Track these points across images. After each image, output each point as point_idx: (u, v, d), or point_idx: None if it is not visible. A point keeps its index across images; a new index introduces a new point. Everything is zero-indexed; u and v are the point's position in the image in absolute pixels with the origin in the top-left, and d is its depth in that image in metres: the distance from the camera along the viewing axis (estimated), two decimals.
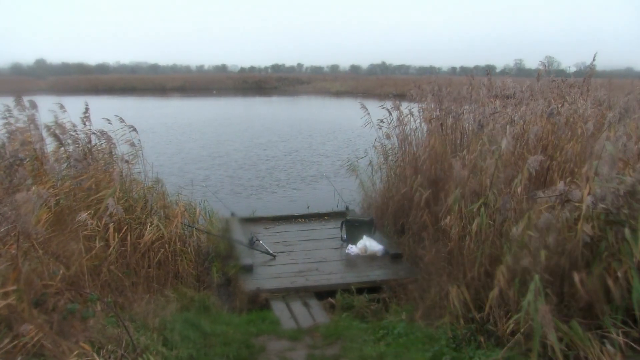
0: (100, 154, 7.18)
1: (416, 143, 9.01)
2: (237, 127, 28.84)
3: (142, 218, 6.59)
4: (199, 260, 7.68)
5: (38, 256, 4.14)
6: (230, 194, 13.31)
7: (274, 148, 21.47)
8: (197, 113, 40.50)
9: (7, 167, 3.46)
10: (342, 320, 6.05)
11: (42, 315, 3.78)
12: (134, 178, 7.37)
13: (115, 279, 5.67)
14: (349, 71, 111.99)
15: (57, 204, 5.64)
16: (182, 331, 4.94)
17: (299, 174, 16.55)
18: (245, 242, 8.31)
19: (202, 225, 8.60)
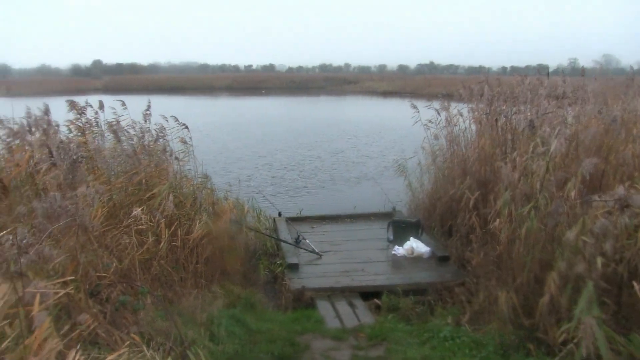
0: (153, 150, 7.30)
1: (465, 144, 8.89)
2: (282, 126, 28.99)
3: (191, 214, 6.69)
4: (246, 257, 7.76)
5: (94, 249, 4.26)
6: (275, 194, 13.38)
7: (319, 148, 21.47)
8: (244, 112, 40.91)
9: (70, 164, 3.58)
10: (387, 322, 6.02)
11: (96, 305, 3.89)
12: (185, 175, 7.48)
13: (165, 274, 5.76)
14: (396, 71, 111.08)
15: (110, 199, 5.78)
16: (228, 327, 4.99)
17: (344, 175, 16.51)
18: (292, 241, 8.36)
19: (250, 223, 8.68)
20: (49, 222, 3.24)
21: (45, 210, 3.20)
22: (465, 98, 9.20)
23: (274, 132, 26.45)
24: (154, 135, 7.30)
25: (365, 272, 7.58)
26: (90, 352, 3.13)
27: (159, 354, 3.59)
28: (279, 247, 8.35)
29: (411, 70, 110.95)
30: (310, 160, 18.84)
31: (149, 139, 7.23)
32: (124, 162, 6.75)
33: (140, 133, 7.22)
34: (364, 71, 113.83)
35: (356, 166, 17.75)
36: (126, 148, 6.74)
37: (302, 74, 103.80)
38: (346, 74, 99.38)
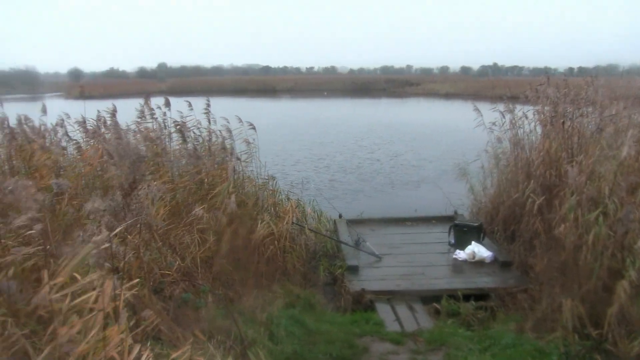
0: (217, 150, 7.43)
1: (529, 147, 8.66)
2: (342, 129, 28.97)
3: (253, 214, 6.77)
4: (306, 258, 7.78)
5: (157, 247, 4.36)
6: (334, 197, 13.36)
7: (378, 151, 21.33)
8: (305, 114, 41.15)
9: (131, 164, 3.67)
10: (447, 327, 5.93)
11: (160, 302, 3.98)
12: (247, 175, 7.57)
13: (226, 273, 5.84)
14: (459, 73, 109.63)
15: (173, 198, 5.91)
16: (288, 327, 5.02)
17: (404, 178, 16.34)
18: (352, 243, 8.34)
19: (311, 224, 8.72)
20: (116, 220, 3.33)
21: (112, 209, 3.29)
22: (530, 100, 8.96)
23: (334, 135, 26.48)
24: (219, 136, 7.43)
25: (426, 275, 7.49)
26: (153, 348, 3.20)
27: (220, 351, 3.65)
28: (339, 249, 8.34)
29: (474, 72, 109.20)
30: (369, 163, 18.74)
31: (214, 140, 7.37)
32: (188, 161, 6.90)
33: (207, 134, 7.37)
34: (426, 73, 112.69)
35: (416, 169, 17.54)
36: (190, 148, 6.89)
37: (363, 75, 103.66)
38: (408, 76, 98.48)
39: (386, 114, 41.25)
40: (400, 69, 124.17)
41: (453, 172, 11.57)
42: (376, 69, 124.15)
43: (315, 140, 24.48)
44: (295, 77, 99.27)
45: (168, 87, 72.36)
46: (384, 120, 33.82)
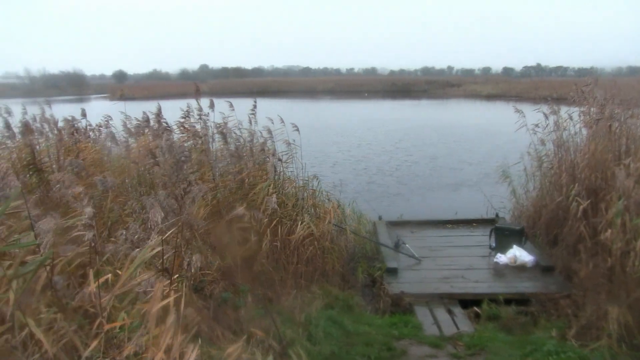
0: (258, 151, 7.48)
1: (574, 149, 8.47)
2: (382, 130, 28.88)
3: (293, 215, 6.79)
4: (345, 259, 7.78)
5: (198, 246, 4.41)
6: (373, 198, 13.31)
7: (418, 153, 21.15)
8: (344, 115, 41.13)
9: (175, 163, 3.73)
10: (487, 331, 5.85)
11: (200, 300, 4.03)
12: (288, 176, 7.60)
13: (266, 273, 5.87)
14: (501, 74, 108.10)
15: (214, 197, 5.97)
16: (326, 328, 5.03)
17: (443, 181, 16.19)
18: (391, 245, 8.31)
19: (351, 226, 8.71)
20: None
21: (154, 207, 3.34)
22: (576, 101, 8.76)
23: (374, 136, 26.42)
24: (261, 136, 7.48)
25: (466, 279, 7.41)
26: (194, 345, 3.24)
27: (259, 351, 3.67)
28: (379, 251, 8.31)
29: (516, 73, 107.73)
30: (408, 165, 18.61)
31: (256, 141, 7.42)
32: (230, 162, 6.96)
33: (249, 135, 7.43)
34: (467, 74, 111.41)
35: (455, 172, 17.35)
36: (232, 148, 6.96)
37: (403, 77, 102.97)
38: (449, 77, 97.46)
39: (426, 116, 41.00)
40: (441, 70, 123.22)
41: (494, 175, 11.42)
42: (417, 70, 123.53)
43: (353, 142, 24.45)
44: (335, 78, 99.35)
45: (209, 88, 73.20)
46: (424, 122, 33.59)
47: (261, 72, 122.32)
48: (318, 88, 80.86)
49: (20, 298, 2.79)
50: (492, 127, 28.13)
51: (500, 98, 57.71)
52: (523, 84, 67.17)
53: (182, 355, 2.72)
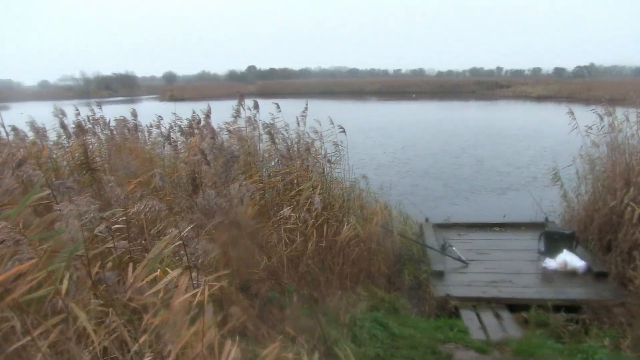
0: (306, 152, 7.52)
1: (629, 152, 8.21)
2: (429, 132, 28.62)
3: (340, 216, 6.80)
4: (391, 261, 7.75)
5: (245, 245, 4.46)
6: (419, 200, 13.19)
7: (465, 155, 20.83)
8: (391, 116, 40.92)
9: (224, 163, 3.78)
10: (535, 338, 5.71)
11: (246, 299, 4.07)
12: (335, 177, 7.62)
13: (311, 273, 5.89)
14: (552, 74, 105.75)
15: (262, 197, 6.03)
16: (371, 330, 5.01)
17: (490, 184, 15.88)
18: (438, 248, 8.23)
19: (397, 228, 8.67)
20: (205, 218, 3.44)
21: (203, 207, 3.40)
22: (636, 102, 8.46)
23: (421, 138, 26.20)
24: (309, 137, 7.52)
25: (514, 283, 7.27)
26: (239, 344, 3.27)
27: (304, 351, 3.68)
28: (425, 253, 8.24)
29: (568, 73, 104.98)
30: (454, 168, 18.35)
31: (303, 141, 7.46)
32: (279, 162, 7.02)
33: (296, 136, 7.48)
34: (517, 75, 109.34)
35: (503, 175, 17.01)
36: (280, 149, 7.01)
37: (451, 78, 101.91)
38: (498, 78, 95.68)
39: (473, 117, 40.37)
40: (490, 71, 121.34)
41: (542, 178, 11.17)
42: (465, 70, 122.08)
43: (399, 143, 24.29)
44: (382, 79, 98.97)
45: (257, 90, 74.14)
46: (471, 124, 33.12)
47: (308, 73, 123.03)
48: (365, 89, 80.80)
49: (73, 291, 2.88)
50: (541, 129, 27.57)
51: (551, 99, 56.47)
52: (575, 84, 65.52)
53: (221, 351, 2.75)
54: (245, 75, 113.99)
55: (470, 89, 79.07)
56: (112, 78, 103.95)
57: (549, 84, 71.60)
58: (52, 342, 2.66)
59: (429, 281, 7.29)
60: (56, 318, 2.72)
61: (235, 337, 3.10)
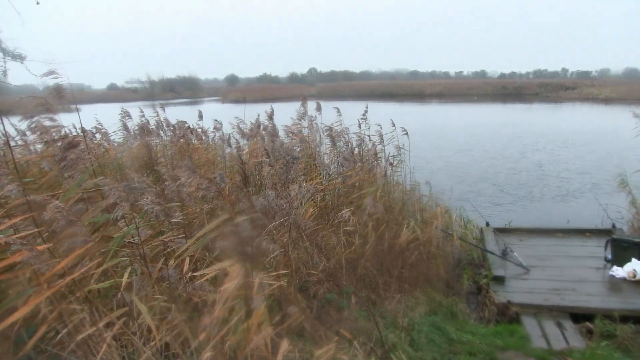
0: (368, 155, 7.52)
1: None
2: (490, 135, 28.06)
3: (399, 219, 6.77)
4: (450, 265, 7.67)
5: (305, 246, 4.49)
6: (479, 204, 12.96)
7: (525, 160, 20.26)
8: (451, 119, 40.40)
9: (284, 164, 3.83)
10: (600, 349, 5.52)
11: (304, 300, 4.10)
12: (396, 180, 7.59)
13: (370, 276, 5.88)
14: (621, 75, 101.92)
15: (322, 199, 6.06)
16: (429, 334, 4.97)
17: (552, 189, 15.44)
18: (499, 253, 8.08)
19: (457, 232, 8.56)
20: (266, 218, 3.49)
21: (263, 207, 3.45)
22: None
23: (480, 141, 25.72)
24: (371, 140, 7.53)
25: (577, 291, 7.04)
26: (296, 344, 3.30)
27: (361, 353, 3.68)
28: (485, 258, 8.10)
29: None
30: (513, 173, 17.88)
31: (365, 144, 7.47)
32: (341, 164, 7.05)
33: (358, 138, 7.50)
34: (583, 76, 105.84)
35: (565, 181, 16.52)
36: (343, 151, 7.04)
37: (514, 79, 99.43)
38: (563, 80, 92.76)
39: (536, 120, 39.32)
40: (555, 73, 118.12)
41: (604, 184, 10.79)
42: (528, 72, 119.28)
43: (457, 146, 23.92)
44: (443, 81, 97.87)
45: (318, 92, 74.59)
46: (533, 127, 32.24)
47: (369, 75, 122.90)
48: (426, 91, 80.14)
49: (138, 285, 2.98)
50: (606, 133, 26.64)
51: (620, 102, 54.46)
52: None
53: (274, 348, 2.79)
54: (306, 78, 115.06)
55: (533, 91, 77.18)
56: (176, 80, 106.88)
57: (618, 85, 68.88)
58: (116, 335, 2.75)
59: (489, 286, 7.16)
60: (119, 311, 2.81)
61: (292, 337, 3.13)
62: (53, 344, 2.69)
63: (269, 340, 2.79)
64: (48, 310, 2.73)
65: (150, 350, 2.75)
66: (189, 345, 2.83)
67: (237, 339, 2.77)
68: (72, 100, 3.49)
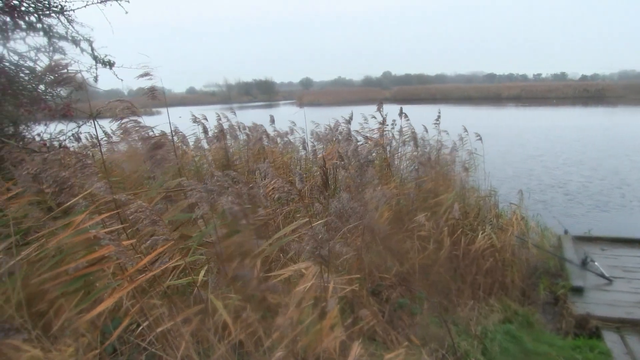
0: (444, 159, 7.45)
1: None
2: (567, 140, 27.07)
3: (474, 225, 6.67)
4: (526, 274, 7.47)
5: (378, 250, 4.49)
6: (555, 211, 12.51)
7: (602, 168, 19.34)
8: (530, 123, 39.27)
9: (359, 167, 3.84)
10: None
11: (376, 303, 4.10)
12: (471, 185, 7.49)
13: (443, 281, 5.82)
14: None
15: (397, 203, 6.04)
16: (503, 343, 4.87)
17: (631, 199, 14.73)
18: (578, 262, 7.79)
19: (534, 239, 8.33)
20: (340, 221, 3.51)
21: (338, 210, 3.47)
22: None
23: (558, 147, 24.85)
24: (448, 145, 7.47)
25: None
26: (368, 348, 3.30)
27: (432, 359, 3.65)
28: (563, 267, 7.83)
29: None
30: (589, 181, 17.14)
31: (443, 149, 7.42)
32: (415, 169, 7.01)
33: (435, 143, 7.44)
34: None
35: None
36: (420, 156, 7.00)
37: (597, 82, 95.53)
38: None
39: (618, 125, 37.62)
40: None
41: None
42: (613, 74, 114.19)
43: (532, 152, 23.18)
44: (521, 84, 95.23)
45: (392, 95, 74.42)
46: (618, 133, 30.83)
47: (444, 78, 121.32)
48: (502, 94, 78.39)
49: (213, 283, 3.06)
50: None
51: None
52: None
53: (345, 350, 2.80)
54: (381, 81, 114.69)
55: (618, 93, 73.82)
56: (252, 84, 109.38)
57: None
58: (192, 330, 2.84)
59: (567, 297, 6.92)
60: (196, 307, 2.90)
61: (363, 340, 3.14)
62: (135, 336, 2.81)
63: (338, 343, 2.81)
64: (130, 303, 2.85)
65: (224, 347, 2.81)
66: (262, 344, 2.88)
67: (309, 340, 2.80)
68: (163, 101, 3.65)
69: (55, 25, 6.31)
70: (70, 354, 2.55)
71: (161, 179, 3.41)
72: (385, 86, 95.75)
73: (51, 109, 5.75)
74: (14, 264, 2.80)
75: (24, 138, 5.79)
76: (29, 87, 5.88)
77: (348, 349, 2.83)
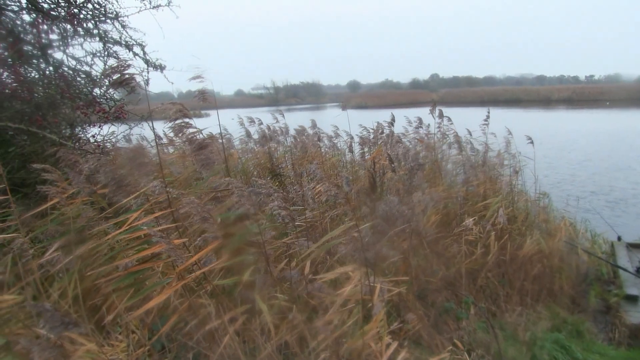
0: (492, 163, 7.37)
1: None
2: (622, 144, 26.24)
3: (523, 230, 6.57)
4: (576, 280, 7.30)
5: (425, 253, 4.47)
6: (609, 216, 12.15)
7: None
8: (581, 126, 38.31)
9: (409, 170, 3.83)
10: None
11: (422, 307, 4.08)
12: (520, 189, 7.38)
13: (490, 286, 5.75)
14: None
15: (445, 206, 6.00)
16: (551, 351, 4.77)
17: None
18: (632, 269, 7.57)
19: (584, 245, 8.14)
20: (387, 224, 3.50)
21: (385, 213, 3.46)
22: None
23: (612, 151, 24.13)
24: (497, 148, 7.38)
25: None
26: (413, 352, 3.29)
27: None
28: (616, 275, 7.61)
29: None
30: (632, 188, 16.54)
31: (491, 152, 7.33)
32: (463, 172, 6.95)
33: (483, 146, 7.36)
34: None
35: None
36: (469, 159, 6.93)
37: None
38: None
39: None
40: None
41: None
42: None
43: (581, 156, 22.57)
44: (572, 86, 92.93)
45: (440, 98, 73.81)
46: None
47: (493, 80, 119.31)
48: (553, 97, 76.81)
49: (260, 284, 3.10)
50: None
51: None
52: None
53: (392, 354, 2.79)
54: (428, 83, 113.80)
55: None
56: (300, 86, 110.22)
57: None
58: (238, 330, 2.88)
59: (620, 306, 6.73)
60: (242, 307, 2.93)
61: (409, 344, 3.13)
62: (182, 334, 2.87)
63: (384, 345, 2.81)
64: (179, 302, 2.91)
65: (270, 347, 2.85)
66: (307, 346, 2.90)
67: (354, 342, 2.81)
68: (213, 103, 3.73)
69: (110, 31, 6.56)
70: (122, 349, 2.63)
71: (206, 177, 3.47)
72: (433, 89, 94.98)
73: (105, 112, 5.95)
74: (70, 260, 2.90)
75: (80, 139, 5.99)
76: (84, 91, 6.10)
77: (394, 353, 2.83)
